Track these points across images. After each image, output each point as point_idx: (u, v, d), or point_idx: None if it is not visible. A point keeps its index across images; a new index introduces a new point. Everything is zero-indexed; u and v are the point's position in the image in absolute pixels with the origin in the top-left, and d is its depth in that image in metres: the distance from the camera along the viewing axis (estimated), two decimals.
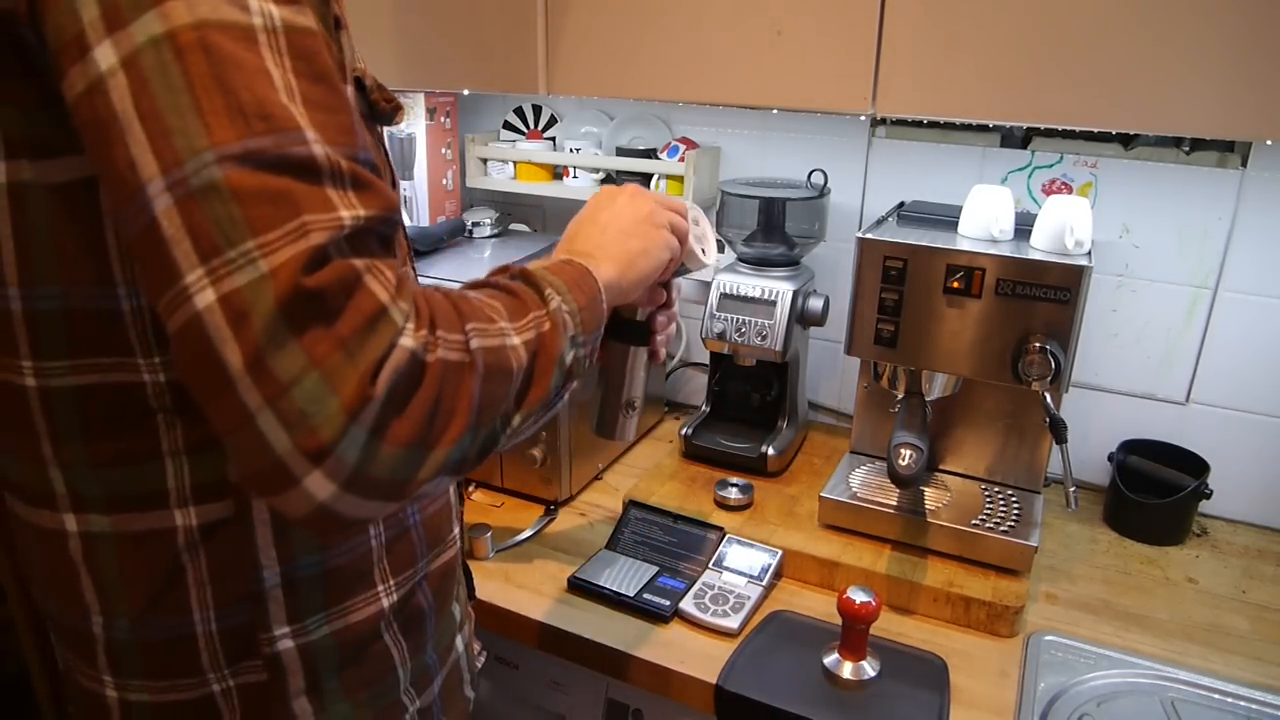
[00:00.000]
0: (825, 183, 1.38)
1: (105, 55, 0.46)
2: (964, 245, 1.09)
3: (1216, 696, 0.97)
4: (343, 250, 0.48)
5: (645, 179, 1.51)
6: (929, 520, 1.14)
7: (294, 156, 0.47)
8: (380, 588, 0.70)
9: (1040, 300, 1.04)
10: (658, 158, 1.50)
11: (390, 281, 0.50)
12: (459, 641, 0.81)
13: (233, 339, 0.45)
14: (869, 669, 0.97)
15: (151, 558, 0.62)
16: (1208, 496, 1.25)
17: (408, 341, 0.49)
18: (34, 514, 0.63)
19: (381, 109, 0.65)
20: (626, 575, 1.13)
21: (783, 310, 1.29)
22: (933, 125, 1.37)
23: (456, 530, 0.81)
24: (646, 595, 1.09)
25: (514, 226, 1.67)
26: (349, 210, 0.48)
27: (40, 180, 0.54)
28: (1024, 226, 1.13)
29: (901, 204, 1.34)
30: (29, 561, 0.67)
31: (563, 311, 0.64)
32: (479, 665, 0.89)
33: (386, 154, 0.71)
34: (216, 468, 0.61)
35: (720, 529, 1.19)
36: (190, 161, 0.45)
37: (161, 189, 0.45)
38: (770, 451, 1.33)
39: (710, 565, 1.14)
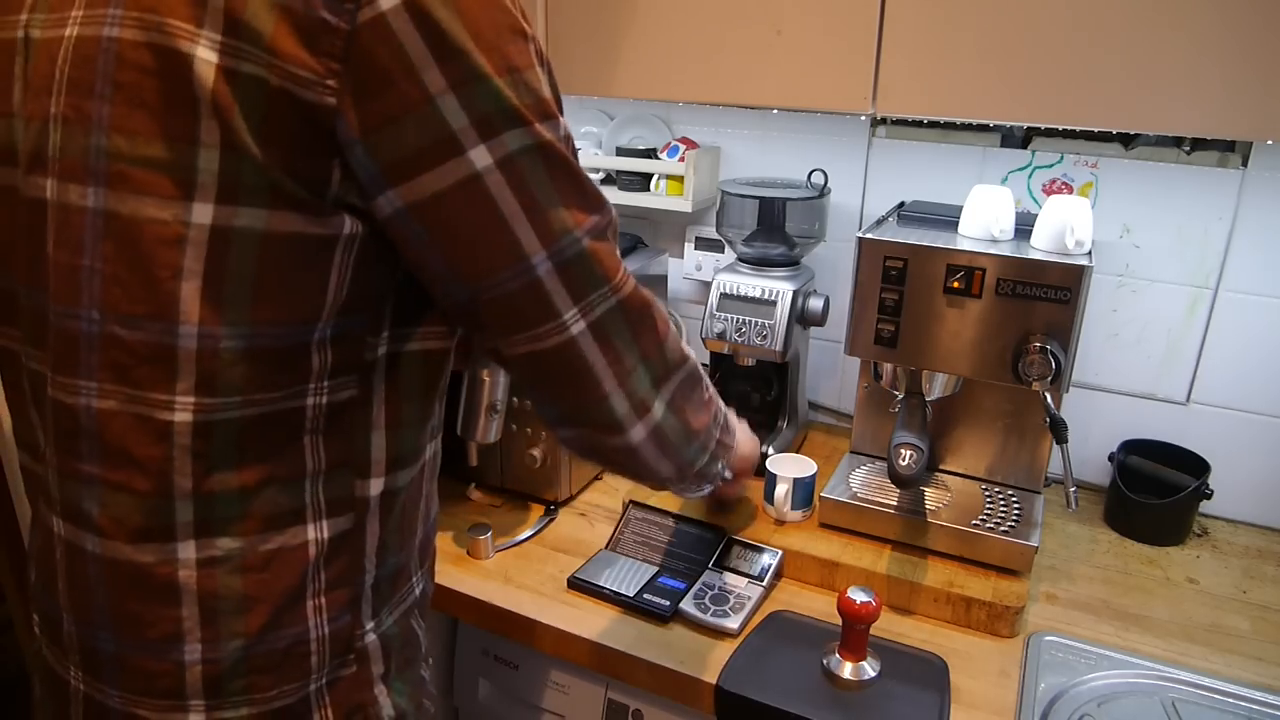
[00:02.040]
0: (825, 183, 1.38)
1: (480, 156, 0.60)
2: (964, 245, 1.08)
3: (1217, 697, 0.97)
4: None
5: (645, 179, 1.51)
6: (929, 520, 1.14)
7: (611, 223, 0.69)
8: (415, 577, 0.78)
9: (1040, 300, 1.04)
10: (658, 157, 1.50)
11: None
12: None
13: (599, 350, 0.69)
14: (869, 669, 0.97)
15: (279, 575, 0.65)
16: (1208, 497, 1.25)
17: (689, 350, 0.78)
18: (122, 549, 0.63)
19: None
20: (626, 575, 1.13)
21: (783, 310, 1.29)
22: (933, 125, 1.37)
23: None
24: (646, 595, 1.09)
25: None
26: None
27: (278, 228, 0.58)
28: (1024, 226, 1.13)
29: (901, 204, 1.34)
30: (83, 602, 0.66)
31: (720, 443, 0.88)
32: None
33: None
34: (346, 482, 0.67)
35: (720, 529, 1.19)
36: (564, 238, 0.64)
37: (544, 259, 0.64)
38: (770, 451, 1.33)
39: (710, 565, 1.14)
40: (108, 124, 0.58)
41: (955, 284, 1.07)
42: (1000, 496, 1.21)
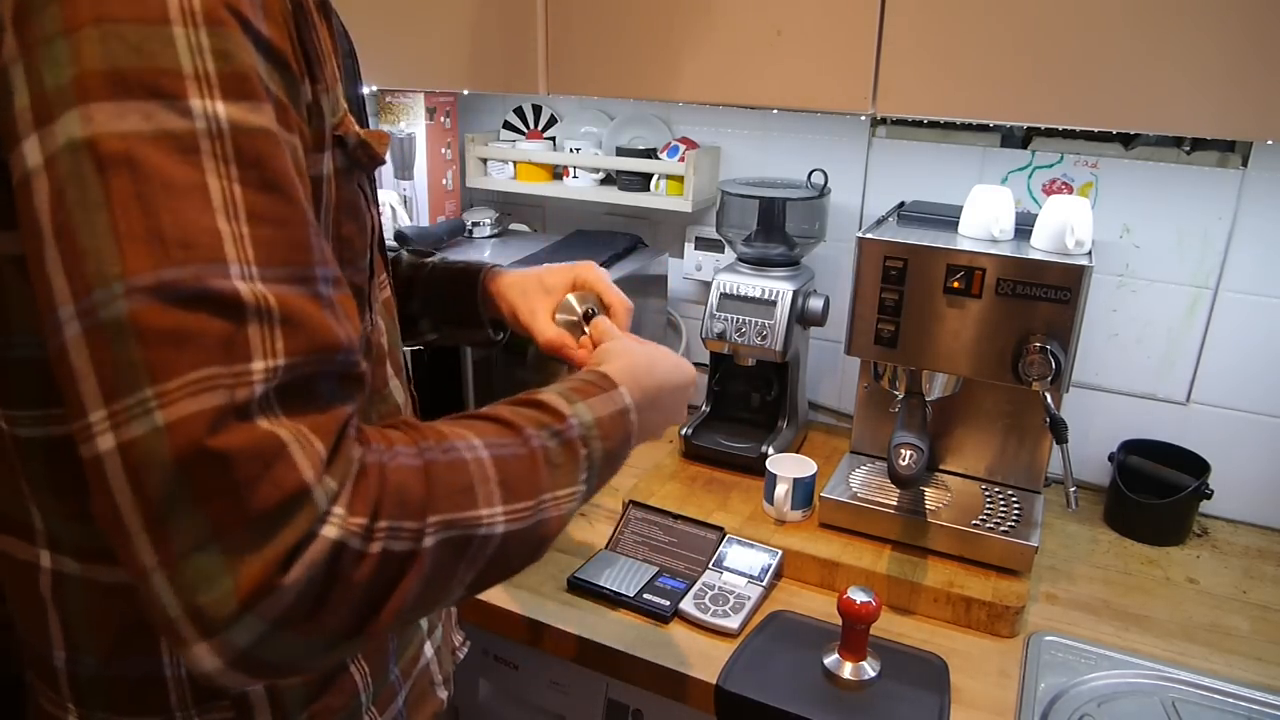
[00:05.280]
0: (825, 183, 1.38)
1: (32, 151, 0.42)
2: (964, 245, 1.09)
3: (1217, 697, 0.97)
4: (268, 407, 0.43)
5: (645, 179, 1.51)
6: (929, 520, 1.14)
7: (214, 291, 0.42)
8: None
9: (1040, 300, 1.04)
10: (658, 158, 1.50)
11: (320, 453, 0.44)
12: (427, 649, 0.79)
13: (131, 493, 0.41)
14: (869, 669, 0.97)
15: (120, 606, 0.59)
16: (1208, 496, 1.25)
17: (331, 531, 0.44)
18: (9, 542, 0.61)
19: (363, 164, 0.61)
20: (626, 575, 1.13)
21: (783, 310, 1.29)
22: (933, 125, 1.37)
23: None
24: (646, 595, 1.09)
25: (514, 226, 1.67)
26: (268, 360, 0.43)
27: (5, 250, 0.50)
28: (1024, 226, 1.13)
29: (901, 204, 1.34)
30: (4, 586, 0.64)
31: (579, 495, 0.61)
32: (460, 657, 0.89)
33: (372, 195, 0.68)
34: None
35: (720, 529, 1.19)
36: (99, 290, 0.41)
37: (71, 315, 0.42)
38: (770, 451, 1.33)
39: (710, 565, 1.14)
40: None
41: (955, 284, 1.07)
42: (1000, 496, 1.21)
